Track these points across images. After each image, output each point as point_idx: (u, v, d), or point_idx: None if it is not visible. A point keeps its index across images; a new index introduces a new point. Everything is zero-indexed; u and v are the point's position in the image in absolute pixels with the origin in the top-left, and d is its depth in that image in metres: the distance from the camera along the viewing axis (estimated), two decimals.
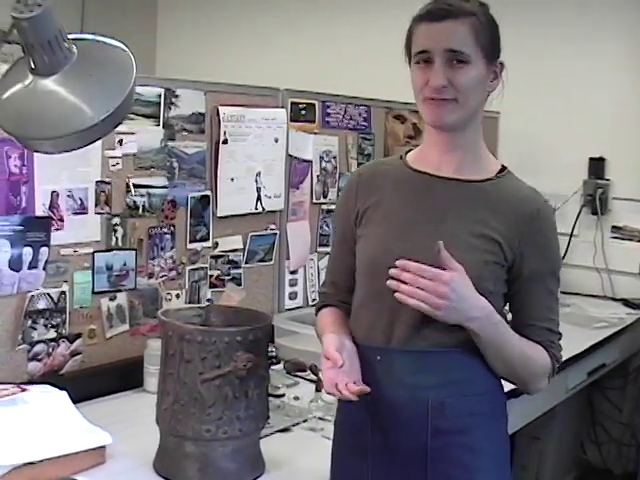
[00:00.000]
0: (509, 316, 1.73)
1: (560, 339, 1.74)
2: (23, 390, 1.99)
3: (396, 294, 1.54)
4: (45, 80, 1.34)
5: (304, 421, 2.25)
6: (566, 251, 4.09)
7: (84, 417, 2.02)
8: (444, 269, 1.55)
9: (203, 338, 1.79)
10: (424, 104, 1.64)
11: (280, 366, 2.56)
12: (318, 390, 2.27)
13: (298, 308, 3.12)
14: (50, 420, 1.92)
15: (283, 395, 2.36)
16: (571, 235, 4.10)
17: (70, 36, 1.34)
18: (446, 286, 1.52)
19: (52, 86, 1.33)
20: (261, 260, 2.94)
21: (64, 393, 2.05)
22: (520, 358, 1.67)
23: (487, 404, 1.71)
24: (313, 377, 2.36)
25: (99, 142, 2.31)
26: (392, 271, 1.55)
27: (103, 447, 1.94)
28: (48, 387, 2.08)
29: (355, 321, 1.74)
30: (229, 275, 2.81)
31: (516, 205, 1.66)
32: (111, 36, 1.41)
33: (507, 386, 1.83)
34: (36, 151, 1.54)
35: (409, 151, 1.81)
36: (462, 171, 1.69)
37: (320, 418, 2.23)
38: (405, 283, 1.54)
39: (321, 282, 1.97)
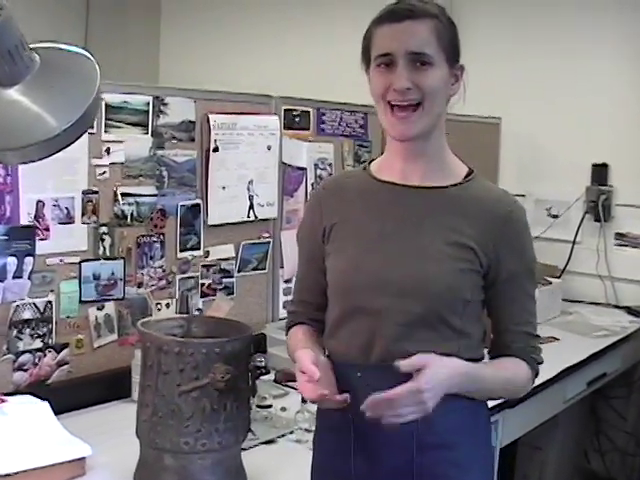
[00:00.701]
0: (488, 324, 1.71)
1: (539, 340, 1.74)
2: (2, 401, 1.98)
3: (384, 421, 1.49)
4: (7, 90, 1.31)
5: (290, 432, 2.23)
6: (569, 258, 4.06)
7: (69, 427, 2.01)
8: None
9: (180, 349, 1.77)
10: (386, 113, 1.59)
11: (269, 376, 2.54)
12: (305, 401, 2.24)
13: None
14: (29, 431, 1.91)
15: (270, 406, 2.33)
16: (574, 242, 4.06)
17: (32, 45, 1.32)
18: (422, 394, 1.47)
19: (15, 96, 1.32)
20: (255, 269, 2.92)
21: (45, 404, 2.04)
22: (501, 388, 1.69)
23: (471, 417, 1.68)
24: None
25: (85, 151, 2.35)
26: (367, 414, 1.48)
27: (83, 459, 1.92)
28: (30, 398, 2.07)
29: (332, 339, 1.70)
30: (221, 284, 2.79)
31: (487, 208, 1.63)
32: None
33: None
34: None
35: (372, 161, 1.78)
36: (429, 178, 1.65)
37: (306, 430, 2.20)
38: None
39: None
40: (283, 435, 2.22)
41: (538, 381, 2.78)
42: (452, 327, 1.59)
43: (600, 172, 4.02)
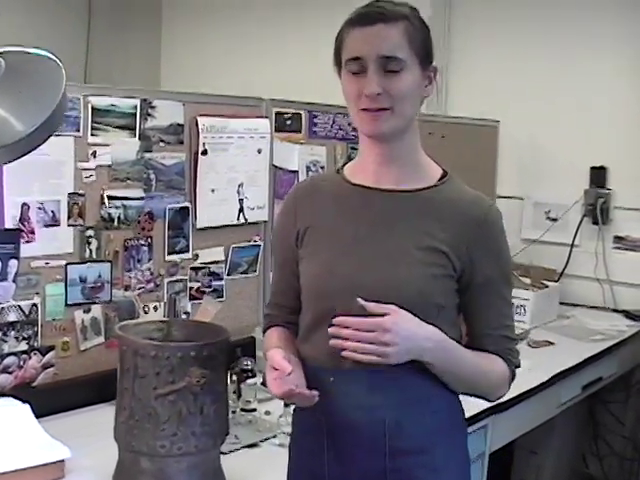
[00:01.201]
0: (464, 327, 1.70)
1: (517, 344, 1.72)
2: None
3: (343, 352, 1.50)
4: None
5: (274, 436, 2.22)
6: (567, 262, 4.04)
7: (54, 430, 2.02)
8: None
9: (156, 353, 1.77)
10: (358, 114, 1.59)
11: (255, 380, 2.53)
12: (287, 405, 2.24)
13: None
14: (8, 434, 1.91)
15: (254, 410, 2.33)
16: (572, 245, 4.04)
17: None
18: (389, 333, 1.49)
19: None
20: (245, 272, 2.91)
21: (26, 407, 2.04)
22: (477, 375, 1.65)
23: (446, 421, 1.67)
24: None
25: (72, 154, 2.35)
26: (331, 330, 1.51)
27: (62, 461, 1.92)
28: (11, 400, 2.07)
29: (305, 343, 1.70)
30: (210, 287, 2.79)
31: (461, 210, 1.62)
32: (41, 48, 1.39)
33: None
34: None
35: (346, 164, 1.77)
36: (402, 181, 1.64)
37: (289, 434, 2.19)
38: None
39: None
40: (266, 439, 2.22)
41: (532, 384, 2.81)
42: None
43: (598, 175, 4.01)
